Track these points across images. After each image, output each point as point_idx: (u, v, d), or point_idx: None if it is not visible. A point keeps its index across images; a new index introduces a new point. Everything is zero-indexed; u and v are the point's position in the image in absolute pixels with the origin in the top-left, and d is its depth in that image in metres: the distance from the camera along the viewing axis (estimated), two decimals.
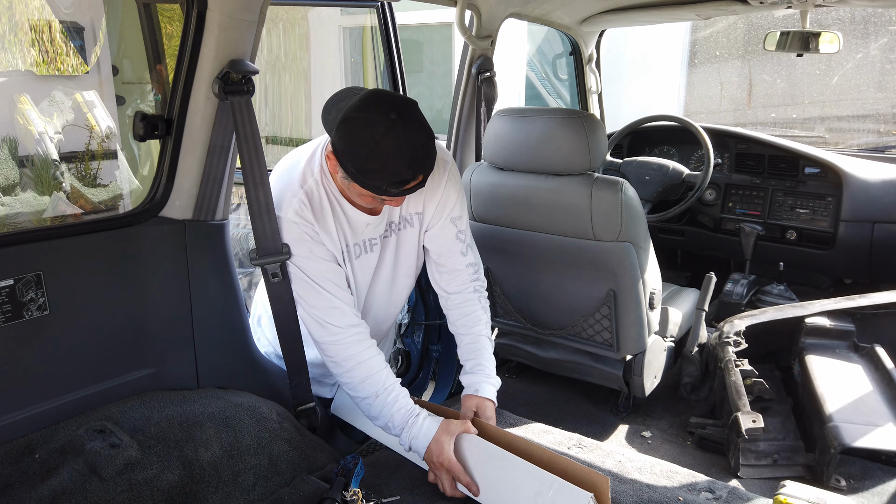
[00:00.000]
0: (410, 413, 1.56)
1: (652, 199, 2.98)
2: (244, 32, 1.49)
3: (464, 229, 1.77)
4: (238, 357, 1.72)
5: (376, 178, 1.40)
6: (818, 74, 6.37)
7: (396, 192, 1.44)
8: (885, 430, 1.86)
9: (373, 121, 1.36)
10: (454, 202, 1.73)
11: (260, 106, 6.23)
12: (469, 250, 1.80)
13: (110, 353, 1.51)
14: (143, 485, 1.34)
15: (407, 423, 1.55)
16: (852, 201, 2.83)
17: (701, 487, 1.60)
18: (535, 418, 1.98)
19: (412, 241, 1.76)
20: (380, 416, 1.58)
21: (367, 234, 1.65)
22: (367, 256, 1.68)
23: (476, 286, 1.81)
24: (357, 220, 1.61)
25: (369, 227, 1.64)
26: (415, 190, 1.46)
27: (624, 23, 3.06)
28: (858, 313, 2.39)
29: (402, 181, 1.41)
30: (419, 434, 1.54)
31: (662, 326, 2.33)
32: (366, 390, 1.57)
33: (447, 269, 1.79)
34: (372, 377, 1.57)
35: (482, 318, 1.80)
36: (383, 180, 1.40)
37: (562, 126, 1.92)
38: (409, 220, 1.73)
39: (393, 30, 2.57)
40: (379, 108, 1.37)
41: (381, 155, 1.37)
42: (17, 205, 2.08)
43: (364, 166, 1.39)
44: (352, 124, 1.38)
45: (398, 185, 1.41)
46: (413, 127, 1.40)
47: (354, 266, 1.66)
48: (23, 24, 2.33)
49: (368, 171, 1.39)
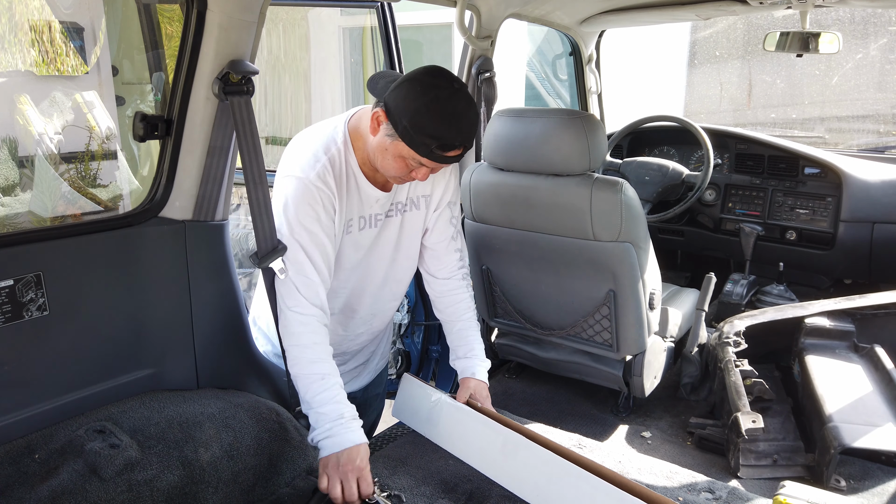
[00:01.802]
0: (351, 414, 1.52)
1: (652, 200, 2.98)
2: (244, 33, 1.49)
3: (457, 215, 1.85)
4: (238, 357, 1.72)
5: (428, 136, 1.44)
6: (818, 75, 6.37)
7: (438, 157, 1.48)
8: (884, 431, 1.86)
9: (438, 84, 1.45)
10: (454, 187, 1.82)
11: (260, 106, 6.23)
12: (458, 236, 1.87)
13: (110, 354, 1.51)
14: (143, 485, 1.34)
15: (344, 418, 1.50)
16: (852, 201, 2.83)
17: (701, 488, 1.60)
18: (535, 418, 1.98)
19: (417, 224, 1.79)
20: (316, 397, 1.51)
21: (374, 210, 1.69)
22: (368, 231, 1.70)
23: (463, 273, 1.88)
24: (368, 195, 1.65)
25: (378, 202, 1.68)
26: (451, 161, 1.51)
27: (624, 23, 3.06)
28: (858, 313, 2.39)
29: (450, 146, 1.46)
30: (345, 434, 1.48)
31: (662, 327, 2.33)
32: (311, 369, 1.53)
33: (438, 253, 1.84)
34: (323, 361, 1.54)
35: (471, 306, 1.88)
36: (434, 140, 1.45)
37: (561, 126, 1.92)
38: (416, 203, 1.77)
39: (393, 30, 2.57)
40: (443, 76, 1.47)
41: (440, 114, 1.44)
42: (16, 205, 2.08)
43: (421, 122, 1.43)
44: (416, 84, 1.45)
45: (445, 148, 1.46)
46: (470, 100, 1.49)
47: (347, 241, 1.67)
48: (23, 25, 2.33)
49: (424, 128, 1.44)
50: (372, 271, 1.77)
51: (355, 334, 1.86)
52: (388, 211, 1.72)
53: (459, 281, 1.87)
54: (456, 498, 1.57)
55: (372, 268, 1.77)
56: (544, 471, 1.50)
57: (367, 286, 1.79)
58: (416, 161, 1.50)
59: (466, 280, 1.89)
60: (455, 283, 1.87)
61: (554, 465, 1.48)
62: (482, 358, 1.86)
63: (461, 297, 1.87)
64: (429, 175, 1.57)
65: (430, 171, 1.55)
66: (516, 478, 1.56)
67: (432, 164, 1.52)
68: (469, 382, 1.79)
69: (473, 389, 1.77)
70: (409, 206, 1.76)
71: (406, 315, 2.50)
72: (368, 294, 1.80)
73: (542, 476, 1.50)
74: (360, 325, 1.85)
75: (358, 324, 1.85)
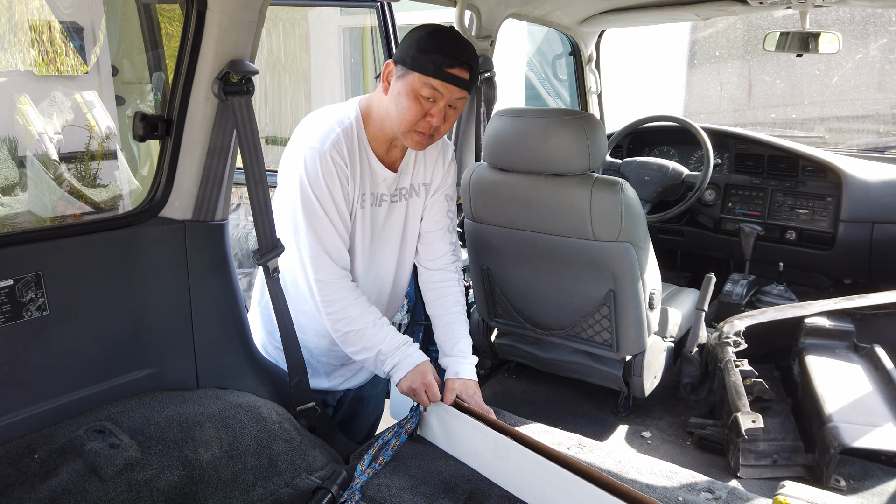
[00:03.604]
0: (405, 340, 1.73)
1: (652, 200, 2.98)
2: (244, 33, 1.49)
3: (453, 210, 1.89)
4: (238, 357, 1.72)
5: (435, 53, 1.55)
6: (818, 75, 6.37)
7: (447, 77, 1.55)
8: (884, 430, 1.86)
9: (434, 25, 1.61)
10: (452, 180, 1.88)
11: (260, 106, 6.22)
12: (454, 232, 1.91)
13: (110, 354, 1.51)
14: (143, 485, 1.34)
15: (403, 343, 1.72)
16: (852, 201, 2.83)
17: (701, 488, 1.60)
18: (534, 418, 1.98)
19: (419, 211, 1.86)
20: (371, 343, 1.70)
21: (381, 189, 1.74)
22: (376, 210, 1.75)
23: (456, 267, 1.91)
24: (377, 173, 1.72)
25: (385, 181, 1.74)
26: (462, 86, 1.59)
27: (624, 23, 3.06)
28: (858, 313, 2.39)
29: (455, 60, 1.56)
30: (414, 354, 1.72)
31: (662, 327, 2.33)
32: (363, 321, 1.69)
33: (431, 242, 1.88)
34: (369, 309, 1.71)
35: (460, 300, 1.90)
36: (440, 55, 1.54)
37: (561, 126, 1.92)
38: (417, 190, 1.83)
39: (393, 30, 2.57)
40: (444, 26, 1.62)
41: (441, 36, 1.58)
42: (16, 205, 2.08)
43: (426, 44, 1.56)
44: (415, 29, 1.60)
45: (452, 64, 1.55)
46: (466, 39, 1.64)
47: (360, 215, 1.72)
48: (22, 25, 2.33)
49: (429, 48, 1.55)
50: (382, 254, 1.82)
51: None
52: (393, 195, 1.77)
53: (451, 273, 1.88)
54: (456, 498, 1.57)
55: (383, 251, 1.81)
56: (536, 474, 1.50)
57: (377, 272, 1.83)
58: (428, 90, 1.56)
59: (458, 275, 1.90)
60: (446, 274, 1.88)
61: (545, 470, 1.48)
62: (467, 355, 1.84)
63: (450, 290, 1.88)
64: (442, 115, 1.61)
65: (443, 112, 1.60)
66: (512, 480, 1.56)
67: (444, 90, 1.57)
68: (454, 384, 1.77)
69: (459, 390, 1.76)
70: (412, 192, 1.81)
71: (406, 315, 2.50)
72: (377, 283, 1.84)
73: (536, 479, 1.50)
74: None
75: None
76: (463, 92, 1.60)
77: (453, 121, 1.66)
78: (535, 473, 1.51)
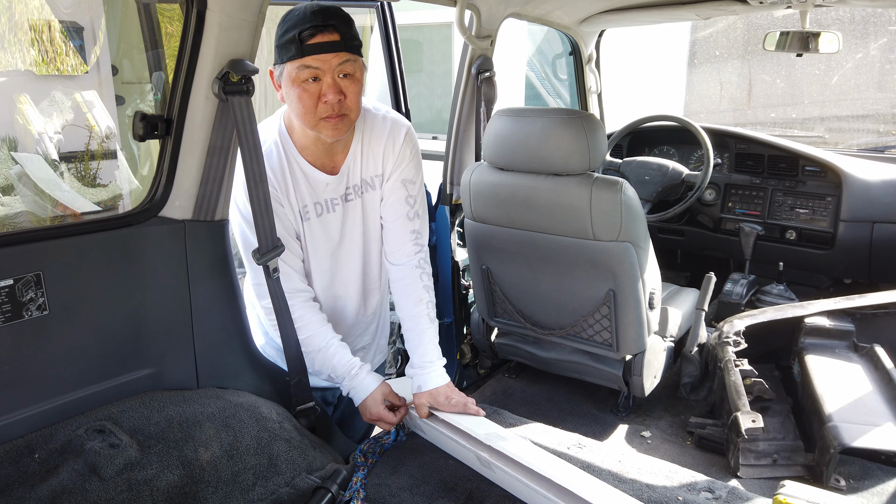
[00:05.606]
0: (352, 366, 1.72)
1: (652, 199, 2.98)
2: (244, 32, 1.49)
3: (415, 195, 1.80)
4: (238, 357, 1.72)
5: (290, 32, 1.50)
6: (818, 74, 6.37)
7: (310, 48, 1.49)
8: (884, 430, 1.86)
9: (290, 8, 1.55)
10: (408, 162, 1.78)
11: (260, 106, 6.22)
12: (416, 218, 1.81)
13: (110, 353, 1.51)
14: (143, 485, 1.34)
15: (349, 373, 1.72)
16: (852, 201, 2.83)
17: (701, 487, 1.60)
18: (534, 418, 1.98)
19: (376, 203, 1.80)
20: (323, 368, 1.73)
21: (327, 194, 1.71)
22: (329, 216, 1.73)
23: (419, 259, 1.82)
24: (316, 179, 1.68)
25: (329, 186, 1.70)
26: (335, 49, 1.50)
27: (624, 23, 3.06)
28: (858, 313, 2.39)
29: (315, 30, 1.49)
30: (359, 386, 1.73)
31: (662, 326, 2.33)
32: (309, 346, 1.71)
33: (390, 235, 1.82)
34: (316, 334, 1.71)
35: (422, 298, 1.80)
36: (296, 30, 1.49)
37: (561, 126, 1.92)
38: (371, 183, 1.77)
39: (393, 30, 2.57)
40: None
41: (292, 14, 1.52)
42: (16, 204, 2.08)
43: (281, 30, 1.52)
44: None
45: (312, 34, 1.49)
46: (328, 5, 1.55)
47: (314, 227, 1.71)
48: (22, 24, 2.33)
49: (285, 32, 1.51)
50: (349, 256, 1.80)
51: (347, 326, 1.89)
52: (345, 195, 1.74)
53: (412, 269, 1.80)
54: (456, 497, 1.57)
55: (348, 252, 1.80)
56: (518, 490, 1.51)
57: (348, 272, 1.82)
58: (306, 72, 1.51)
59: (421, 269, 1.81)
60: (407, 270, 1.80)
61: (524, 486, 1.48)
62: (433, 360, 1.75)
63: (412, 289, 1.79)
64: (338, 90, 1.54)
65: (335, 86, 1.53)
66: (504, 483, 1.56)
67: (318, 62, 1.50)
68: (420, 398, 1.73)
69: (427, 403, 1.72)
70: (365, 187, 1.77)
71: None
72: (351, 278, 1.83)
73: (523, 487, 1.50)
74: (350, 314, 1.88)
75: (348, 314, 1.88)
76: (341, 55, 1.51)
77: (356, 90, 1.57)
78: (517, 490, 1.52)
